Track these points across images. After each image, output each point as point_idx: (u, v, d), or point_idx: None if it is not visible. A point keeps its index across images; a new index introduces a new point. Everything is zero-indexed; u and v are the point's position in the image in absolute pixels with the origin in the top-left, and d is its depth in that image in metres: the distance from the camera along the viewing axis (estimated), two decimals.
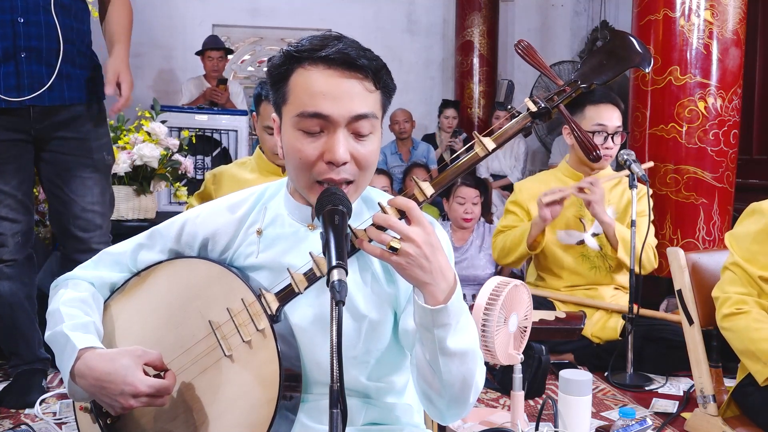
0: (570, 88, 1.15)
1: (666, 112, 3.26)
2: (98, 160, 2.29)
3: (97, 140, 2.29)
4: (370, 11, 6.88)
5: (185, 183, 3.49)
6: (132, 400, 1.06)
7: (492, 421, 1.86)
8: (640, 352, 2.60)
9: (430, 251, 0.98)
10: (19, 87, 2.10)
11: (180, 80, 6.09)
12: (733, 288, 1.84)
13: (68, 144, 2.22)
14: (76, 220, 2.27)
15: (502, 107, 5.70)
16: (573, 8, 7.30)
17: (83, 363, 1.09)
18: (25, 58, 2.09)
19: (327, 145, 1.07)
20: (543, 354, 2.28)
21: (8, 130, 2.14)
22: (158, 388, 1.07)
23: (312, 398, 1.15)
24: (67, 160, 2.24)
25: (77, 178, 2.25)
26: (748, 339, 1.77)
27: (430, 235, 0.99)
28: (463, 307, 1.04)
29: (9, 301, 2.26)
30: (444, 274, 1.00)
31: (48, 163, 2.24)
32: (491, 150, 1.11)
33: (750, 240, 1.83)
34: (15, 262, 2.25)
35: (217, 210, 1.24)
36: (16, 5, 2.07)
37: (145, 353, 1.10)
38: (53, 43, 2.13)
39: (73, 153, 2.23)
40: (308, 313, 1.15)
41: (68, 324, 1.14)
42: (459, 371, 1.05)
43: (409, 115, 5.71)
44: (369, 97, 1.09)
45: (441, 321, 1.00)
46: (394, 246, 0.97)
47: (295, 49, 1.09)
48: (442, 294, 1.00)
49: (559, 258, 2.82)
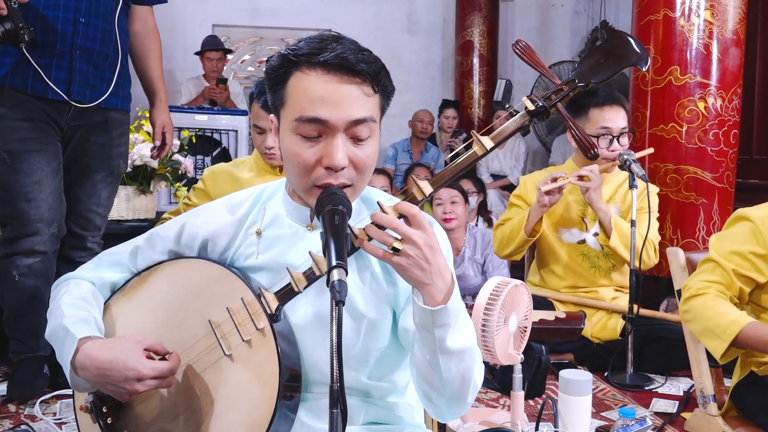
0: (567, 87, 1.15)
1: (666, 112, 3.26)
2: (114, 167, 2.41)
3: (118, 147, 2.40)
4: (370, 11, 6.87)
5: (185, 183, 3.49)
6: (137, 385, 1.06)
7: (492, 421, 1.85)
8: (640, 352, 2.60)
9: (430, 253, 0.98)
10: (69, 82, 2.19)
11: (180, 80, 6.08)
12: (698, 278, 1.82)
13: (92, 147, 2.32)
14: (78, 219, 2.37)
15: (499, 106, 5.71)
16: (573, 8, 7.30)
17: (83, 354, 1.09)
18: (79, 57, 2.20)
19: (325, 151, 1.07)
20: (543, 354, 2.27)
21: (48, 118, 2.22)
22: (162, 370, 1.07)
23: (312, 397, 1.15)
24: (86, 162, 2.33)
25: (90, 180, 2.35)
26: (704, 316, 1.75)
27: (430, 237, 0.99)
28: (460, 306, 1.05)
29: (30, 295, 2.25)
30: (442, 275, 1.00)
31: (70, 159, 2.31)
32: (489, 149, 1.11)
33: (732, 241, 1.80)
34: (45, 255, 2.26)
35: (216, 211, 1.24)
36: (81, 6, 2.19)
37: (145, 338, 1.10)
38: (108, 48, 2.27)
39: (93, 157, 2.34)
40: (308, 313, 1.15)
41: (68, 318, 1.14)
42: (458, 369, 1.05)
43: (433, 118, 5.83)
44: (367, 102, 1.08)
45: (440, 321, 1.01)
46: (396, 247, 0.98)
47: (293, 52, 1.08)
48: (440, 294, 1.00)
49: (558, 255, 2.81)
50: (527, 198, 2.83)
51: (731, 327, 1.69)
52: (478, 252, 3.53)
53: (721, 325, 1.71)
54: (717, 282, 1.78)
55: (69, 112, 2.24)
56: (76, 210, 2.36)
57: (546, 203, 2.62)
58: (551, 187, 2.58)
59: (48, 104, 2.20)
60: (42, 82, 2.15)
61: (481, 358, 1.16)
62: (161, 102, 2.53)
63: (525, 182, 2.90)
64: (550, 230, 2.80)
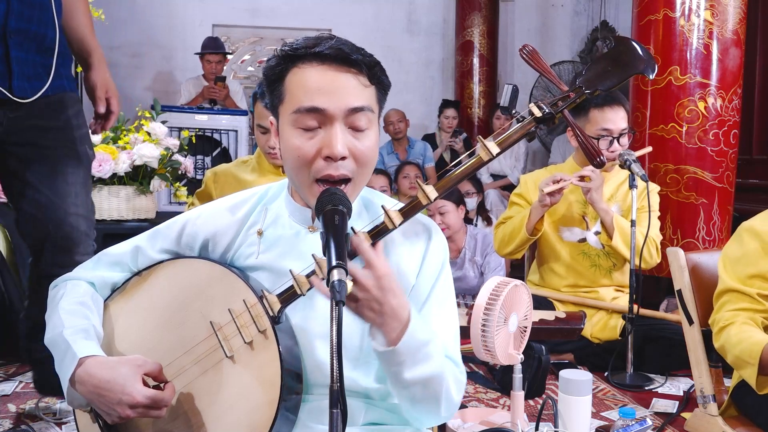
0: (574, 94, 1.15)
1: (666, 112, 3.26)
2: (82, 153, 1.95)
3: (78, 129, 1.94)
4: (370, 11, 6.88)
5: (185, 183, 3.49)
6: (129, 410, 1.06)
7: (492, 421, 1.85)
8: (640, 352, 2.60)
9: (380, 294, 0.99)
10: (8, 75, 1.77)
11: (179, 80, 6.09)
12: (724, 309, 1.77)
13: (48, 134, 1.87)
14: (58, 228, 1.90)
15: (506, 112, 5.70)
16: (573, 8, 7.30)
17: (83, 370, 1.09)
18: (15, 43, 1.77)
19: (324, 141, 1.08)
20: (543, 354, 2.28)
21: None
22: (156, 400, 1.07)
23: (313, 398, 1.15)
24: (46, 153, 1.87)
25: (60, 175, 1.88)
26: (731, 345, 1.71)
27: (381, 278, 0.99)
28: (422, 338, 1.05)
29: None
30: (396, 315, 1.01)
31: (21, 159, 1.85)
32: (495, 154, 1.12)
33: (746, 264, 1.76)
34: None
35: (218, 211, 1.24)
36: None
37: (146, 363, 1.10)
38: (47, 28, 1.85)
39: (54, 145, 1.88)
40: (309, 314, 1.15)
41: (69, 329, 1.14)
42: (423, 395, 1.09)
43: (403, 115, 5.69)
44: (364, 91, 1.09)
45: (393, 361, 1.03)
46: None
47: (289, 48, 1.10)
48: (393, 333, 1.02)
49: (559, 254, 2.81)
50: (528, 197, 2.83)
51: (754, 348, 1.64)
52: (478, 253, 3.53)
53: (746, 350, 1.66)
54: (743, 309, 1.75)
55: (6, 108, 1.80)
56: (53, 217, 1.88)
57: (547, 203, 2.62)
58: (553, 188, 2.59)
59: None
60: None
61: (460, 374, 1.17)
62: (99, 62, 2.03)
63: (526, 181, 2.91)
64: (550, 229, 2.81)
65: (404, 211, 1.10)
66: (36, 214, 1.88)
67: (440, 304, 1.20)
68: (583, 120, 2.70)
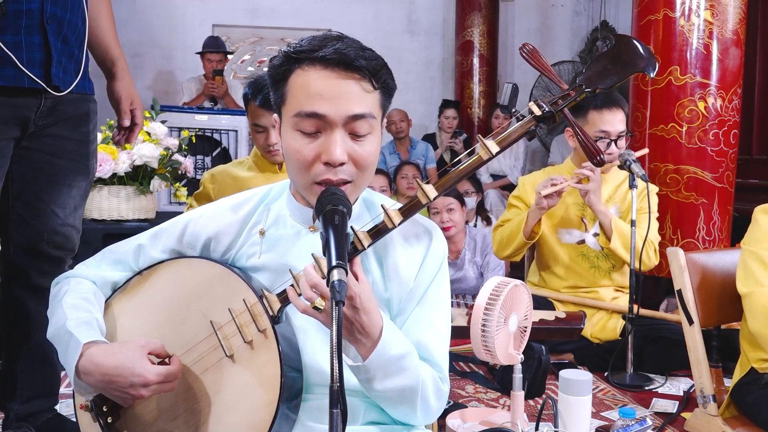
0: (574, 93, 1.15)
1: (666, 112, 3.26)
2: (91, 168, 1.89)
3: (93, 143, 1.89)
4: (370, 11, 6.87)
5: (185, 183, 3.49)
6: (142, 390, 1.07)
7: (492, 421, 1.85)
8: (640, 352, 2.60)
9: (351, 313, 1.01)
10: (47, 63, 1.65)
11: (180, 80, 6.09)
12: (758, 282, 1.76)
13: (66, 146, 1.79)
14: (52, 237, 1.81)
15: (506, 111, 5.72)
16: (573, 8, 7.30)
17: (88, 360, 1.09)
18: (51, 29, 1.66)
19: (324, 146, 1.08)
20: (543, 354, 2.28)
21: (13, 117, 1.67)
22: (166, 375, 1.08)
23: (313, 398, 1.16)
24: (59, 164, 1.79)
25: (64, 186, 1.81)
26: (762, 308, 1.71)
27: (353, 298, 1.00)
28: (396, 352, 1.06)
29: None
30: (367, 332, 1.03)
31: (31, 164, 1.76)
32: (495, 153, 1.11)
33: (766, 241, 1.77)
34: None
35: (220, 210, 1.25)
36: None
37: (148, 343, 1.11)
38: (77, 17, 1.72)
39: (68, 157, 1.80)
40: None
41: (71, 321, 1.14)
42: (398, 401, 1.11)
43: (405, 115, 5.69)
44: (367, 98, 1.09)
45: (362, 374, 1.06)
46: (317, 306, 0.99)
47: (293, 49, 1.10)
48: (363, 349, 1.04)
49: (558, 256, 2.81)
50: (526, 199, 2.83)
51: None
52: (478, 254, 3.54)
53: None
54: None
55: (39, 104, 1.70)
56: (49, 226, 1.79)
57: (545, 206, 2.62)
58: (550, 191, 2.59)
59: (14, 97, 1.64)
60: (13, 67, 1.60)
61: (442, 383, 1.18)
62: (123, 71, 1.94)
63: (524, 183, 2.90)
64: (549, 231, 2.80)
65: (404, 210, 1.10)
66: (30, 221, 1.80)
67: (433, 306, 1.20)
68: (581, 121, 2.70)
